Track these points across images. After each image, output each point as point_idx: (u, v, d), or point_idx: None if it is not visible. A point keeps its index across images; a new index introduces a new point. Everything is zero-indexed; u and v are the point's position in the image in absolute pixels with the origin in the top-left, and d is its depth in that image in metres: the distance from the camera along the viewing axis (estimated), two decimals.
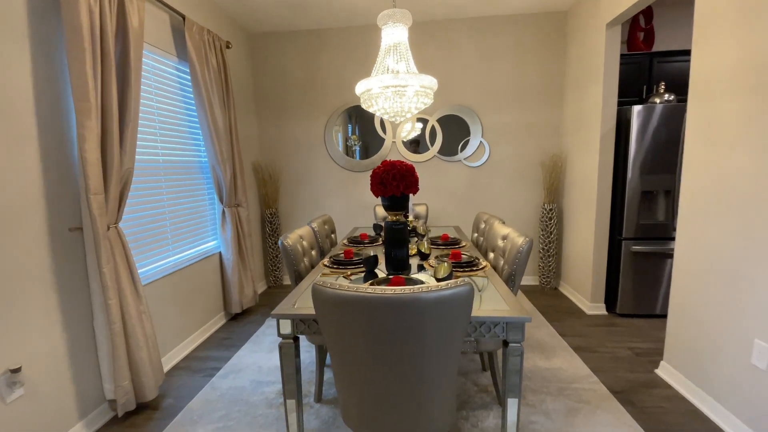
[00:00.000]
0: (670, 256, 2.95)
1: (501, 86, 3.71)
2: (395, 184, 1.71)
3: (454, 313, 1.11)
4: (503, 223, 2.31)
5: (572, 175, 3.49)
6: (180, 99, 2.77)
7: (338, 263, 2.03)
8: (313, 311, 1.40)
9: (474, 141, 3.81)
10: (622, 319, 3.03)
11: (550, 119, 3.71)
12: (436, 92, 3.78)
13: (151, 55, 2.46)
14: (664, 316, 3.03)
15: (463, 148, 3.84)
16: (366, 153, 3.94)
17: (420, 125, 3.85)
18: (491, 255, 2.22)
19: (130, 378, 1.97)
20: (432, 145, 3.86)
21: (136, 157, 2.30)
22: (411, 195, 2.23)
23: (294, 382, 1.50)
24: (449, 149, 3.86)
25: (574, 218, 3.48)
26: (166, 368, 2.46)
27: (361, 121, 3.90)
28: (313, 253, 2.32)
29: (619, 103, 3.23)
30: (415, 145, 3.89)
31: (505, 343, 1.39)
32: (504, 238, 2.07)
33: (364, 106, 2.22)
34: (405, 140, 3.89)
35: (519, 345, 1.36)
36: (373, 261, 1.91)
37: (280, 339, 2.55)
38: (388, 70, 2.20)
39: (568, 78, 3.54)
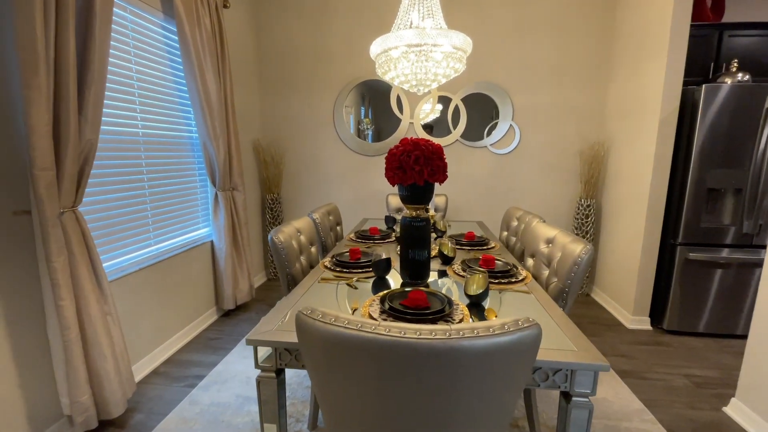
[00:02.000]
0: (731, 266, 2.50)
1: (537, 62, 3.24)
2: (418, 169, 1.32)
3: (511, 369, 0.72)
4: (544, 221, 1.89)
5: (617, 167, 3.03)
6: (167, 64, 2.39)
7: (341, 265, 1.65)
8: None
9: (503, 124, 3.36)
10: (671, 336, 2.61)
11: (593, 101, 3.23)
12: None
13: (129, 7, 2.08)
14: (726, 336, 2.60)
15: (490, 132, 3.40)
16: (379, 137, 3.52)
17: (440, 106, 3.41)
18: (530, 261, 1.82)
19: (90, 392, 1.65)
20: (455, 127, 3.42)
21: (108, 128, 1.94)
22: (437, 184, 1.85)
23: (275, 406, 1.12)
24: (474, 133, 3.42)
25: (616, 216, 3.03)
26: (142, 374, 2.14)
27: (374, 101, 3.47)
28: (313, 249, 1.95)
29: (683, 84, 2.73)
30: (429, 130, 3.45)
31: (565, 395, 1.00)
32: (549, 242, 1.66)
33: (379, 73, 1.81)
34: (424, 122, 3.46)
35: (587, 400, 0.97)
36: (384, 265, 1.53)
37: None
38: (411, 26, 1.78)
39: (619, 54, 3.05)
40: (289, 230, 1.71)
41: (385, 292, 1.26)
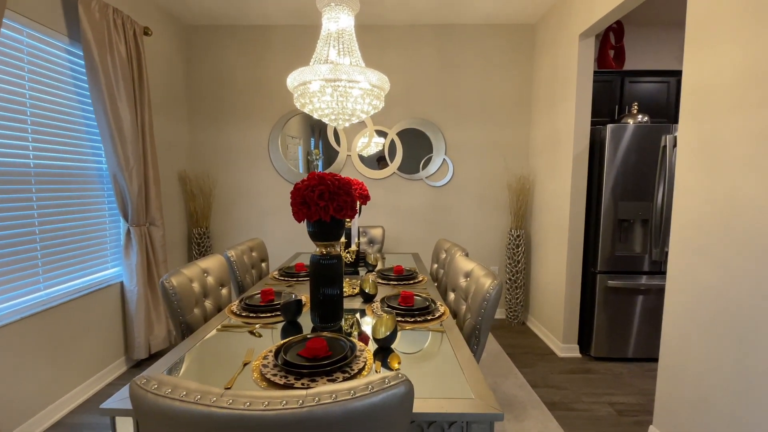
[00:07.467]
0: (647, 292, 2.66)
1: (465, 100, 3.40)
2: (323, 204, 1.25)
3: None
4: (467, 255, 1.89)
5: (541, 199, 3.18)
6: (72, 90, 2.21)
7: (250, 309, 1.52)
8: None
9: (437, 158, 3.45)
10: (597, 363, 2.67)
11: (518, 138, 3.42)
12: (397, 103, 3.40)
13: (26, 30, 1.91)
14: (651, 360, 2.71)
15: (426, 165, 3.47)
16: (326, 168, 3.47)
17: (380, 140, 3.45)
18: (452, 296, 1.79)
19: None
20: (392, 160, 3.46)
21: None
22: (349, 220, 1.79)
23: None
24: (411, 166, 3.47)
25: (543, 246, 3.15)
26: None
27: (324, 134, 3.44)
28: (224, 291, 1.79)
29: (592, 124, 2.97)
30: (377, 161, 3.47)
31: None
32: (467, 275, 1.65)
33: (297, 105, 1.77)
34: (362, 154, 3.46)
35: None
36: (293, 308, 1.42)
37: None
38: (327, 62, 1.77)
39: (537, 95, 3.28)
40: (192, 272, 1.56)
41: (282, 342, 1.15)
